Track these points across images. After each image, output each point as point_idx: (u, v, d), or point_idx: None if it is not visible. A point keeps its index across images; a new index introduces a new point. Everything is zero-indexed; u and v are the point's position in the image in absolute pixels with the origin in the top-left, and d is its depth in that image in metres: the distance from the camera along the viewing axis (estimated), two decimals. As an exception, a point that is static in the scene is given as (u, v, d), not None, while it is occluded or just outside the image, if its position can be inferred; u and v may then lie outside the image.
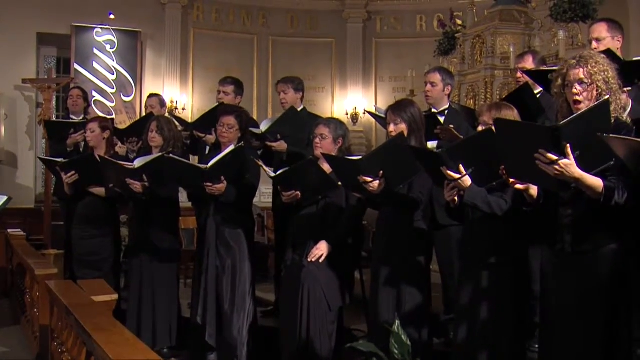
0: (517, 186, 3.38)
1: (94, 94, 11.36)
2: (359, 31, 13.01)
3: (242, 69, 12.04)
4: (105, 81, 11.67)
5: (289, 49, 12.81)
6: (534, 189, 3.40)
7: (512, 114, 3.87)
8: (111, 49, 11.72)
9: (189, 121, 7.59)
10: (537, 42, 7.82)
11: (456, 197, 3.78)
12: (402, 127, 4.40)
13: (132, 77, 11.88)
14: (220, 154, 5.13)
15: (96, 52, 11.62)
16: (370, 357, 3.90)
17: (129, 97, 11.84)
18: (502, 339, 3.76)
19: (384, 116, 4.67)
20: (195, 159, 6.38)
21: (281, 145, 5.76)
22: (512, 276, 3.78)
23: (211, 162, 5.02)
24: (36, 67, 11.51)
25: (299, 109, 6.13)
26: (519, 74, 5.41)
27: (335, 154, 4.69)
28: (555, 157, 2.96)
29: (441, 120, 5.35)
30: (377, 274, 4.49)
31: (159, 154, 5.36)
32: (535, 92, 4.96)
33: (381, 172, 4.12)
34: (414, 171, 4.11)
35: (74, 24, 11.46)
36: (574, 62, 3.32)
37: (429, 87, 5.54)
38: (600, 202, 3.09)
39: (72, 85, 9.66)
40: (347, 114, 12.73)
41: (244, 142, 5.23)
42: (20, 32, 11.07)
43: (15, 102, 11.25)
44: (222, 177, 5.00)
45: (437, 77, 5.53)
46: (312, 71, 12.49)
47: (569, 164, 2.97)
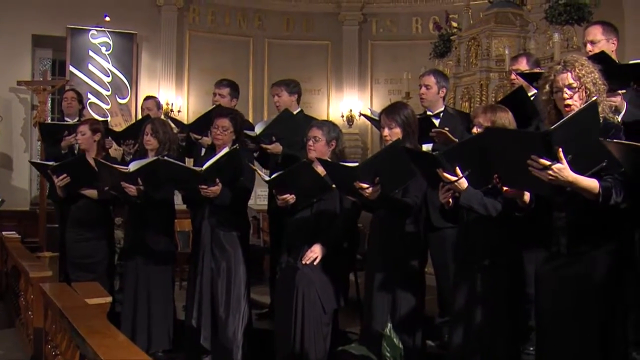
0: (507, 192, 3.39)
1: (89, 96, 11.34)
2: (354, 33, 13.01)
3: (237, 71, 12.02)
4: (100, 83, 11.64)
5: (284, 51, 12.80)
6: (526, 194, 3.41)
7: (507, 116, 3.88)
8: (106, 51, 11.70)
9: (185, 123, 7.58)
10: (532, 44, 7.83)
11: (451, 199, 3.78)
12: (397, 131, 4.40)
13: (127, 80, 11.86)
14: (215, 156, 5.13)
15: (91, 54, 11.60)
16: (361, 360, 3.90)
17: (124, 99, 11.82)
18: (497, 342, 3.76)
19: (379, 119, 4.67)
20: (190, 161, 6.37)
21: (276, 147, 5.76)
22: (507, 279, 3.78)
23: (206, 164, 5.02)
24: (31, 69, 11.48)
25: (295, 112, 6.12)
26: (513, 76, 5.42)
27: (328, 156, 4.70)
28: (548, 162, 2.97)
29: (436, 123, 5.35)
30: (372, 276, 4.49)
31: (154, 158, 5.35)
32: (529, 95, 4.97)
33: (377, 179, 4.12)
34: (410, 176, 4.11)
35: (69, 26, 11.44)
36: (559, 67, 3.33)
37: (423, 89, 5.55)
38: (597, 204, 3.09)
39: (67, 87, 9.63)
40: (342, 117, 12.73)
41: (238, 144, 5.23)
42: (15, 33, 11.04)
43: (10, 104, 11.21)
44: (217, 180, 5.01)
45: (431, 79, 5.53)
46: (307, 73, 12.47)
47: (563, 168, 2.97)
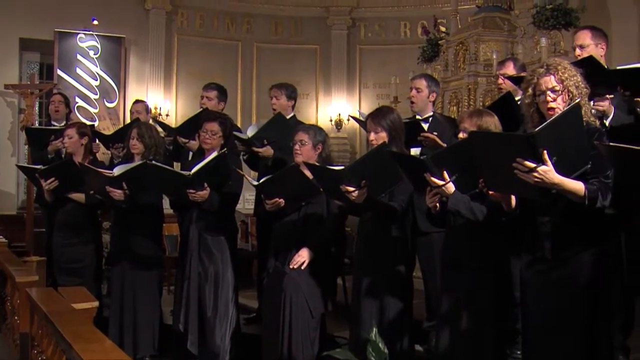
0: (493, 196, 3.40)
1: (77, 99, 11.31)
2: (343, 38, 13.03)
3: (226, 75, 12.03)
4: (88, 87, 11.61)
5: (273, 55, 12.81)
6: (512, 198, 3.42)
7: (493, 120, 3.88)
8: (94, 54, 11.67)
9: (173, 127, 7.57)
10: (520, 49, 7.86)
11: (438, 204, 3.78)
12: (383, 135, 4.41)
13: (115, 83, 11.84)
14: (203, 160, 5.12)
15: (79, 57, 11.57)
16: (346, 365, 3.88)
17: (112, 103, 11.79)
18: (483, 346, 3.76)
19: (366, 122, 4.68)
20: (178, 165, 6.36)
21: (267, 151, 5.75)
22: (494, 283, 3.79)
23: (194, 168, 5.01)
24: (19, 73, 11.44)
25: (289, 117, 6.13)
26: (500, 80, 5.44)
27: (315, 160, 4.71)
28: (533, 165, 2.98)
29: (425, 127, 5.37)
30: (359, 281, 4.49)
31: (139, 162, 5.34)
32: (517, 99, 4.98)
33: (363, 182, 4.13)
34: (396, 179, 4.12)
35: (57, 30, 11.41)
36: (542, 70, 3.36)
37: (414, 92, 5.55)
38: (583, 207, 3.11)
39: (54, 91, 9.60)
40: (331, 121, 12.75)
41: (227, 148, 5.23)
42: (2, 37, 11.00)
43: (-3, 107, 11.18)
44: (205, 184, 5.00)
45: (422, 83, 5.55)
46: (296, 77, 12.44)
47: (548, 170, 2.98)
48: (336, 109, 12.88)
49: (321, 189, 4.57)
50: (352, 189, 4.14)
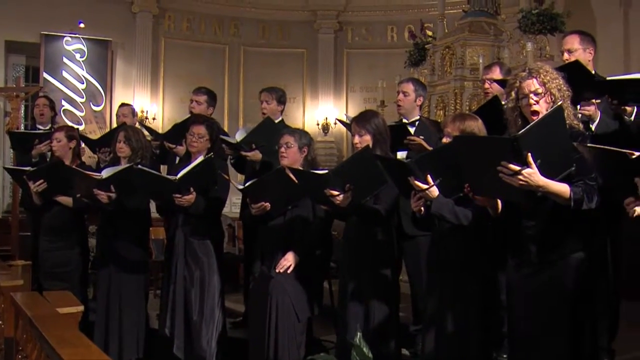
0: (478, 200, 3.41)
1: (64, 103, 11.28)
2: (330, 42, 13.06)
3: (213, 78, 12.01)
4: (74, 90, 11.58)
5: (260, 59, 12.82)
6: (498, 202, 3.43)
7: (476, 124, 3.88)
8: (81, 57, 11.64)
9: (160, 131, 7.56)
10: (506, 53, 7.91)
11: (422, 207, 3.79)
12: (367, 138, 4.42)
13: (102, 87, 11.81)
14: (189, 164, 5.11)
15: (66, 60, 11.54)
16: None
17: (98, 106, 11.76)
18: (469, 350, 3.76)
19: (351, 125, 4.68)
20: (165, 169, 6.34)
21: (256, 155, 5.74)
22: (479, 286, 3.79)
23: (180, 173, 5.00)
24: (4, 76, 11.40)
25: (277, 121, 6.12)
26: (487, 85, 5.45)
27: (301, 163, 4.72)
28: (517, 168, 2.99)
29: (411, 131, 5.38)
30: (345, 285, 4.50)
31: (127, 165, 5.33)
32: (504, 103, 5.00)
33: (348, 186, 4.13)
34: (381, 183, 4.12)
35: (43, 32, 11.38)
36: (524, 74, 3.38)
37: (401, 96, 5.57)
38: (569, 209, 3.12)
39: (40, 94, 9.55)
40: (318, 124, 12.77)
41: (213, 153, 5.22)
42: (-12, 40, 10.98)
43: (-18, 110, 11.13)
44: (191, 189, 4.99)
45: (410, 87, 5.57)
46: (283, 81, 12.41)
47: (532, 173, 2.99)
48: (323, 112, 12.90)
49: (306, 195, 4.57)
50: (336, 193, 4.15)
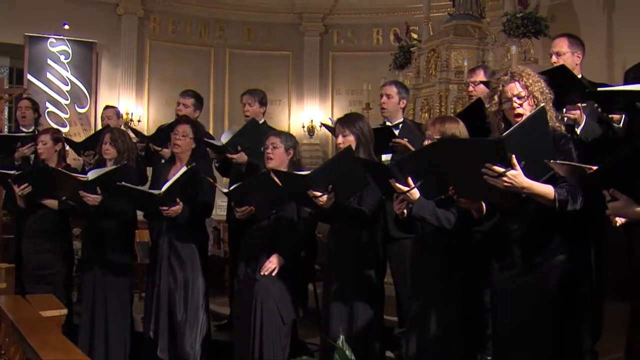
0: (463, 203, 3.42)
1: (48, 105, 11.22)
2: (315, 44, 13.06)
3: (198, 80, 12.00)
4: (59, 92, 11.51)
5: (245, 62, 12.79)
6: (482, 205, 3.45)
7: (457, 126, 3.89)
8: (65, 59, 11.59)
9: (145, 133, 7.54)
10: (491, 56, 7.95)
11: (405, 210, 3.79)
12: (350, 139, 4.43)
13: (86, 89, 11.75)
14: (173, 177, 5.06)
15: (50, 62, 11.47)
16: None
17: (83, 108, 11.70)
18: (452, 352, 3.77)
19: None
20: (150, 170, 6.33)
21: (241, 157, 5.74)
22: (463, 288, 3.80)
23: (164, 186, 4.98)
24: (-13, 77, 11.32)
25: (260, 122, 6.14)
26: (471, 88, 5.48)
27: (287, 165, 4.73)
28: (502, 170, 3.00)
29: (396, 133, 5.39)
30: (329, 287, 4.50)
31: (113, 167, 5.32)
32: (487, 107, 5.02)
33: (330, 187, 4.14)
34: (364, 184, 4.12)
35: (27, 34, 11.31)
36: (507, 77, 3.41)
37: (384, 99, 5.60)
38: (553, 211, 3.14)
39: (24, 95, 9.49)
40: (303, 127, 12.78)
41: (198, 156, 5.22)
42: (-28, 41, 10.91)
43: (-35, 112, 11.04)
44: (177, 199, 4.98)
45: (393, 89, 5.59)
46: (269, 84, 12.45)
47: (517, 174, 3.01)
48: (308, 115, 12.90)
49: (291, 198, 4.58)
50: (319, 194, 4.15)
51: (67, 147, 6.28)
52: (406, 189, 3.63)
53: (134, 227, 5.90)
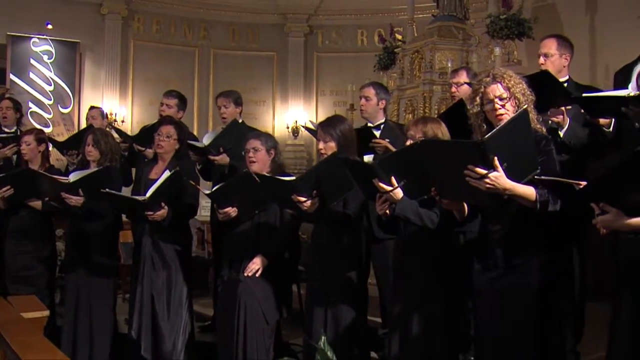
0: (445, 204, 3.43)
1: (31, 105, 11.15)
2: (300, 45, 13.05)
3: (182, 81, 11.97)
4: (42, 92, 11.44)
5: (230, 62, 12.77)
6: (464, 206, 3.46)
7: (439, 127, 3.89)
8: (49, 59, 11.51)
9: (129, 133, 7.52)
10: (474, 58, 7.98)
11: (388, 210, 3.78)
12: (332, 145, 4.40)
13: (70, 89, 11.68)
14: (156, 182, 5.05)
15: (33, 62, 11.39)
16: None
17: (66, 108, 11.64)
18: (435, 352, 3.77)
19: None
20: (134, 171, 6.31)
21: (223, 158, 5.74)
22: (445, 289, 3.81)
23: (148, 192, 4.97)
24: (-31, 77, 11.25)
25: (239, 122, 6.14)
26: (454, 89, 5.50)
27: (269, 165, 4.74)
28: (484, 171, 3.02)
29: (377, 134, 5.41)
30: (312, 288, 4.50)
31: (95, 169, 5.31)
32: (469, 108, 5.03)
33: (315, 192, 4.14)
34: (347, 188, 4.12)
35: (9, 33, 11.22)
36: (488, 79, 3.42)
37: (363, 101, 5.63)
38: (535, 212, 3.16)
39: (6, 95, 9.43)
40: (288, 128, 12.77)
41: (182, 155, 5.21)
42: (-47, 40, 10.82)
43: (-54, 113, 10.94)
44: (162, 203, 4.98)
45: (370, 91, 5.61)
46: (253, 84, 12.49)
47: (499, 176, 3.03)
48: (293, 116, 12.89)
49: (273, 199, 4.58)
50: (303, 199, 4.16)
51: (51, 147, 6.26)
52: (389, 188, 3.63)
53: (119, 228, 5.89)
